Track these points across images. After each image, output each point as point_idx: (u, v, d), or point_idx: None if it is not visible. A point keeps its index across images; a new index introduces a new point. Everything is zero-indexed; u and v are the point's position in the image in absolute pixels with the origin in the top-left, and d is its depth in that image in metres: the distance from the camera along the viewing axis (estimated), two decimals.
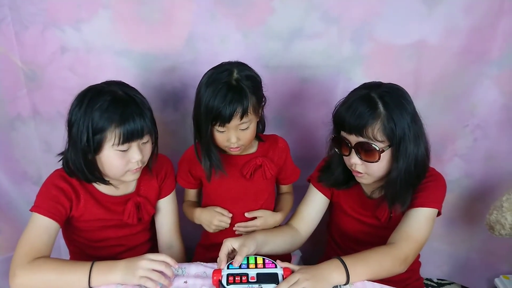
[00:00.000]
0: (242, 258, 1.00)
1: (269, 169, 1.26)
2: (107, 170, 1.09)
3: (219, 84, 1.10)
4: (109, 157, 1.06)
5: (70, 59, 1.39)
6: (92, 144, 1.03)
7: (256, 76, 1.17)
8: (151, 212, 1.24)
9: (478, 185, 1.60)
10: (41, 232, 1.05)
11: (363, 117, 1.04)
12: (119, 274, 0.97)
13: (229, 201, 1.29)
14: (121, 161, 1.07)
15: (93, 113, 1.02)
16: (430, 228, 1.10)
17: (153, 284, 0.95)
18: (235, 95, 1.09)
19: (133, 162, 1.08)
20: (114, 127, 1.02)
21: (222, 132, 1.15)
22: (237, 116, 1.10)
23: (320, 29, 1.38)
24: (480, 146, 1.54)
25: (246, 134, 1.16)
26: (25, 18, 1.34)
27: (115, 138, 1.03)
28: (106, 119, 1.02)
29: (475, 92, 1.46)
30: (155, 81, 1.44)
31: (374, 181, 1.15)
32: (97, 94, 1.04)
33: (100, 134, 1.02)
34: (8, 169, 1.55)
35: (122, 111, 1.03)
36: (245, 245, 1.03)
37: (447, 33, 1.37)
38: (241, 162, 1.26)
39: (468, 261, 1.73)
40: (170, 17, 1.36)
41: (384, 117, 1.04)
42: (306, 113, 1.52)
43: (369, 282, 1.00)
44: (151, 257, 0.99)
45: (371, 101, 1.05)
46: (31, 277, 0.97)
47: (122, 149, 1.05)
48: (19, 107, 1.47)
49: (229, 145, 1.17)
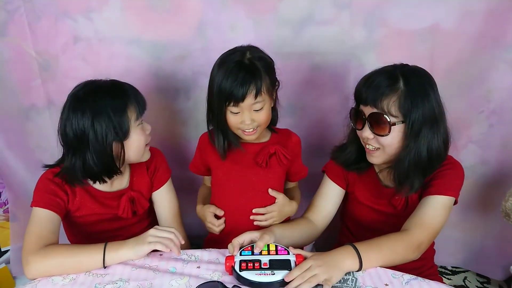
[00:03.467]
0: (264, 244, 1.01)
1: (284, 154, 1.24)
2: (134, 151, 1.14)
3: (231, 64, 1.10)
4: (137, 134, 1.12)
5: (82, 48, 1.41)
6: (121, 133, 1.08)
7: (269, 58, 1.17)
8: (145, 206, 1.26)
9: (494, 171, 1.58)
10: (45, 223, 1.07)
11: (380, 88, 1.04)
12: (130, 246, 1.00)
13: (240, 191, 1.27)
14: (143, 135, 1.14)
15: (107, 109, 1.05)
16: (445, 216, 1.09)
17: (163, 247, 0.99)
18: (247, 74, 1.08)
19: (147, 135, 1.16)
20: (130, 105, 1.09)
21: (236, 113, 1.14)
22: (251, 95, 1.09)
23: (331, 15, 1.36)
24: (495, 132, 1.51)
25: (260, 115, 1.15)
26: (38, 8, 1.36)
27: (135, 113, 1.11)
28: (122, 103, 1.08)
29: (490, 77, 1.43)
30: (166, 69, 1.44)
31: (385, 162, 1.14)
32: (93, 95, 1.07)
33: (123, 119, 1.08)
34: (24, 158, 1.59)
35: (124, 92, 1.10)
36: (266, 234, 1.04)
37: (462, 17, 1.34)
38: (254, 151, 1.25)
39: (483, 248, 1.71)
40: (180, 5, 1.36)
41: (402, 94, 1.03)
42: (318, 101, 1.51)
43: (381, 269, 1.00)
44: (159, 227, 1.05)
45: (392, 76, 1.05)
46: (44, 262, 0.99)
47: (140, 123, 1.13)
48: (34, 97, 1.49)
49: (243, 127, 1.15)
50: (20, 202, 1.62)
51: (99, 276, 0.98)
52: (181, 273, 0.99)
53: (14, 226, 1.68)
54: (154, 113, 1.32)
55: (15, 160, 1.58)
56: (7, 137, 1.56)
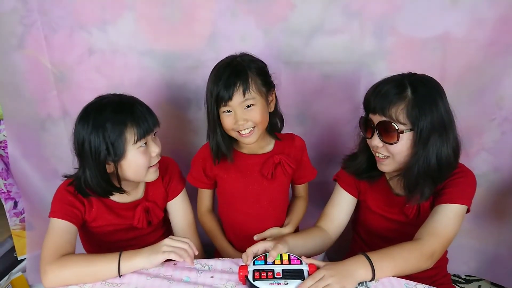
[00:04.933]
0: (277, 254, 1.01)
1: (289, 164, 1.25)
2: (132, 173, 1.12)
3: (220, 68, 1.14)
4: (135, 156, 1.10)
5: (97, 60, 1.44)
6: (113, 153, 1.07)
7: (260, 61, 1.19)
8: (160, 216, 1.27)
9: (507, 179, 1.56)
10: (62, 233, 1.09)
11: (388, 96, 1.05)
12: (145, 255, 1.01)
13: (246, 204, 1.29)
14: (144, 157, 1.11)
15: (105, 125, 1.06)
16: (458, 225, 1.08)
17: (177, 256, 1.00)
18: (233, 73, 1.11)
19: (154, 156, 1.13)
20: (129, 126, 1.07)
21: (228, 113, 1.15)
22: (239, 92, 1.11)
23: (341, 24, 1.37)
24: (508, 140, 1.50)
25: (252, 113, 1.14)
26: (54, 21, 1.39)
27: (134, 136, 1.08)
28: (120, 123, 1.06)
29: (502, 84, 1.43)
30: (178, 80, 1.46)
31: (395, 171, 1.14)
32: (98, 108, 1.08)
33: (120, 139, 1.06)
34: (40, 168, 1.61)
35: (129, 111, 1.09)
36: (279, 243, 1.05)
37: (472, 25, 1.34)
38: (259, 161, 1.26)
39: (496, 256, 1.69)
40: (191, 16, 1.38)
41: (410, 102, 1.04)
42: (329, 110, 1.51)
43: (395, 278, 0.99)
44: (174, 237, 1.05)
45: (400, 84, 1.06)
46: (62, 271, 1.00)
47: (142, 145, 1.10)
48: (50, 107, 1.52)
49: (238, 127, 1.15)
50: (36, 211, 1.64)
51: (114, 285, 0.99)
52: (195, 283, 1.00)
53: (30, 235, 1.70)
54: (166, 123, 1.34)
55: (31, 169, 1.61)
56: (23, 147, 1.59)
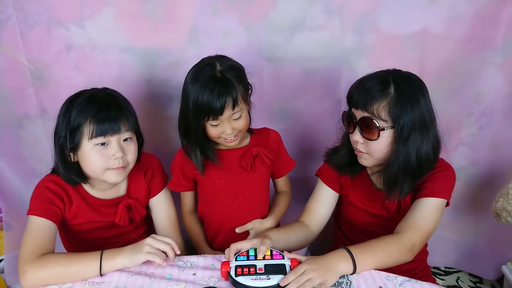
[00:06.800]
0: (266, 249, 1.01)
1: (267, 155, 1.27)
2: (87, 168, 1.11)
3: (204, 79, 1.11)
4: (89, 152, 1.07)
5: (75, 57, 1.41)
6: (69, 141, 1.06)
7: (239, 65, 1.19)
8: (142, 213, 1.26)
9: (484, 173, 1.60)
10: (41, 231, 1.07)
11: (371, 92, 1.05)
12: (127, 254, 1.00)
13: (228, 198, 1.29)
14: (99, 157, 1.07)
15: (72, 111, 1.06)
16: (438, 218, 1.10)
17: (160, 260, 0.99)
18: (222, 87, 1.10)
19: (114, 160, 1.08)
20: (89, 121, 1.05)
21: (215, 125, 1.16)
22: (229, 107, 1.11)
23: (322, 21, 1.38)
24: (485, 134, 1.54)
25: (240, 123, 1.17)
26: (30, 17, 1.35)
27: (90, 131, 1.05)
28: (83, 114, 1.05)
29: (479, 80, 1.46)
30: (159, 77, 1.45)
31: (376, 165, 1.15)
32: (78, 95, 1.09)
33: (78, 129, 1.06)
34: (18, 167, 1.58)
35: (98, 105, 1.07)
36: (266, 238, 1.05)
37: (450, 21, 1.37)
38: (237, 155, 1.27)
39: (475, 249, 1.73)
40: (172, 13, 1.37)
41: (392, 99, 1.04)
42: (310, 106, 1.52)
43: (375, 271, 1.01)
44: (156, 237, 1.03)
45: (384, 81, 1.06)
46: (41, 271, 0.98)
47: (98, 143, 1.06)
48: (27, 106, 1.49)
49: (225, 136, 1.17)
50: (14, 211, 1.61)
51: (95, 284, 0.98)
52: (177, 280, 0.99)
53: (8, 235, 1.66)
54: (147, 120, 1.33)
55: (9, 169, 1.57)
56: (0, 146, 1.55)
